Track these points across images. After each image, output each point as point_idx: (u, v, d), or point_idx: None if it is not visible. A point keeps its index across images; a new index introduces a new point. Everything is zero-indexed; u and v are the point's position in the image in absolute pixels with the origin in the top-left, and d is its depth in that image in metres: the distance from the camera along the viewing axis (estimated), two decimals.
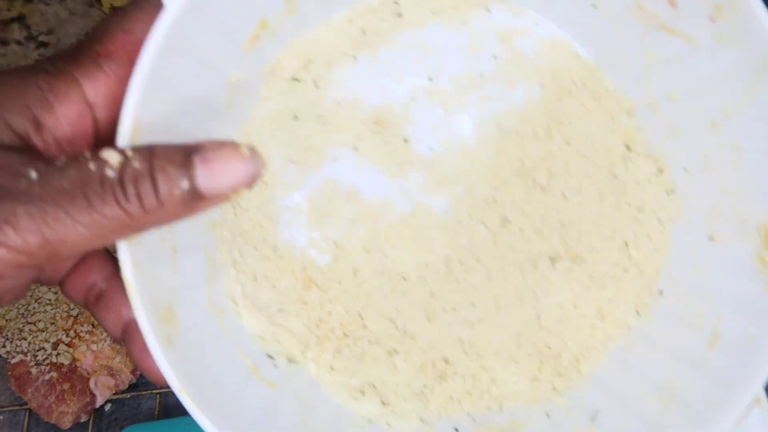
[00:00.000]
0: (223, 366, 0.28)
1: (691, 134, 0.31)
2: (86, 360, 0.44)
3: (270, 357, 0.31)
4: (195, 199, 0.21)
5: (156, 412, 0.45)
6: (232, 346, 0.30)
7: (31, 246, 0.20)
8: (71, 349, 0.44)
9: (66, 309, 0.44)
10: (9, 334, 0.44)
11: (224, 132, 0.30)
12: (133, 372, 0.45)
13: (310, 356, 0.31)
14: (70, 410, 0.43)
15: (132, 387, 0.46)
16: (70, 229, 0.20)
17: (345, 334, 0.31)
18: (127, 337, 0.25)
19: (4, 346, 0.44)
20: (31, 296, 0.45)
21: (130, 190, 0.20)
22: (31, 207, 0.20)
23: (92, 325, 0.44)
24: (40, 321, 0.44)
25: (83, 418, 0.44)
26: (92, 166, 0.20)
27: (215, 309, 0.30)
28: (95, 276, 0.26)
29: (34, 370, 0.43)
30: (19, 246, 0.20)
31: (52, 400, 0.43)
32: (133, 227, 0.21)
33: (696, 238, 0.31)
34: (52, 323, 0.44)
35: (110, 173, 0.20)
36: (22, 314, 0.44)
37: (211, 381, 0.27)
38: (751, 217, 0.29)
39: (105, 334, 0.44)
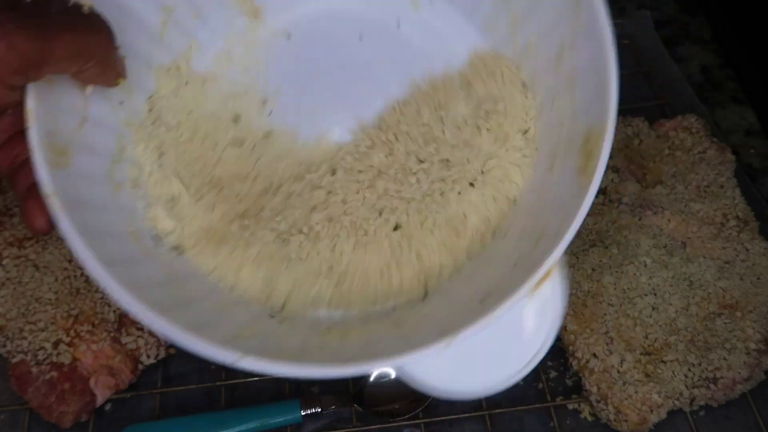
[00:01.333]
0: (106, 217, 0.34)
1: (545, 73, 0.37)
2: (86, 360, 0.44)
3: (156, 238, 0.37)
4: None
5: (156, 412, 0.45)
6: (121, 212, 0.35)
7: (30, 51, 0.27)
8: (71, 349, 0.44)
9: (66, 309, 0.44)
10: (9, 333, 0.44)
11: (160, 58, 0.40)
12: (133, 372, 0.45)
13: (195, 250, 0.37)
14: (71, 410, 0.43)
15: (132, 387, 0.46)
16: (58, 42, 0.28)
17: (232, 232, 0.38)
18: (29, 192, 0.32)
19: (4, 346, 0.44)
20: (31, 296, 0.45)
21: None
22: (32, 20, 0.27)
23: (92, 324, 0.44)
24: (40, 321, 0.44)
25: (83, 418, 0.44)
26: None
27: (114, 181, 0.36)
28: (21, 147, 0.32)
29: (34, 370, 0.43)
30: (23, 50, 0.27)
31: (53, 399, 0.43)
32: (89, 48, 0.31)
33: (542, 168, 0.37)
34: (52, 323, 0.44)
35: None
36: (23, 314, 0.44)
37: (88, 214, 0.32)
38: (579, 134, 0.33)
39: (105, 334, 0.44)
